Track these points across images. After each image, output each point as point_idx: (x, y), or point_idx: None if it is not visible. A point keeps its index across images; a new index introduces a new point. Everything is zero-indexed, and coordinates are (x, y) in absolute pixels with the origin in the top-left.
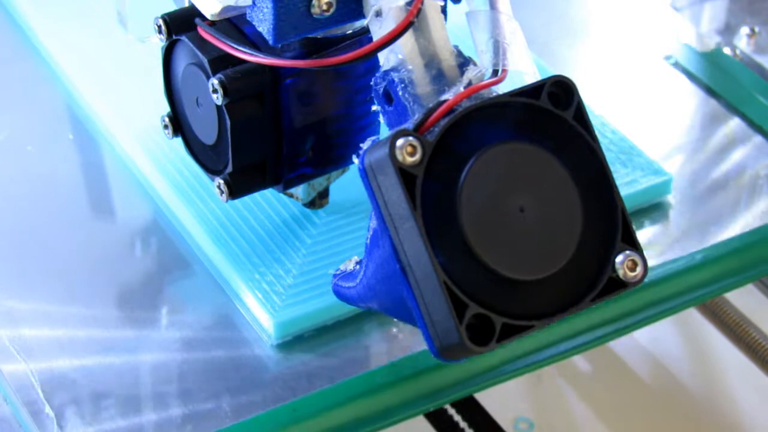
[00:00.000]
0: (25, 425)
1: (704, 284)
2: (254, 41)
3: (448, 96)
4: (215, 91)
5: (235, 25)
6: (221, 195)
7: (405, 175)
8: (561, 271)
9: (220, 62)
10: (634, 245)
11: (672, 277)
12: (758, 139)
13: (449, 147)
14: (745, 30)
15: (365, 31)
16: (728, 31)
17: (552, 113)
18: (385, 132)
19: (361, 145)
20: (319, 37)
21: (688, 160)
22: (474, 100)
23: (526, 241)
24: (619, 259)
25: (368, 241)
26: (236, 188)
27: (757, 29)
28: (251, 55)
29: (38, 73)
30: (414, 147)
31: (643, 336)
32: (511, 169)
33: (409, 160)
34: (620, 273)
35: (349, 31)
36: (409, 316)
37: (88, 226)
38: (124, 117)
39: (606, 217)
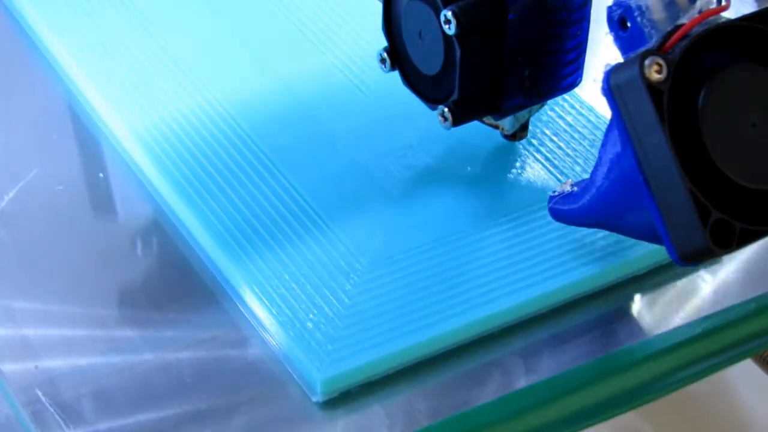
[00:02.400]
0: (26, 425)
1: (760, 334)
2: None
3: (684, 21)
4: (448, 21)
5: None
6: (444, 122)
7: (653, 90)
8: None
9: None
10: None
11: (725, 328)
12: None
13: (688, 67)
14: None
15: None
16: None
17: None
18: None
19: (609, 65)
20: None
21: None
22: (704, 26)
23: (759, 154)
24: None
25: (603, 162)
26: (459, 115)
27: None
28: None
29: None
30: (660, 65)
31: None
32: (743, 88)
33: (656, 77)
34: None
35: None
36: (639, 229)
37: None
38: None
39: None
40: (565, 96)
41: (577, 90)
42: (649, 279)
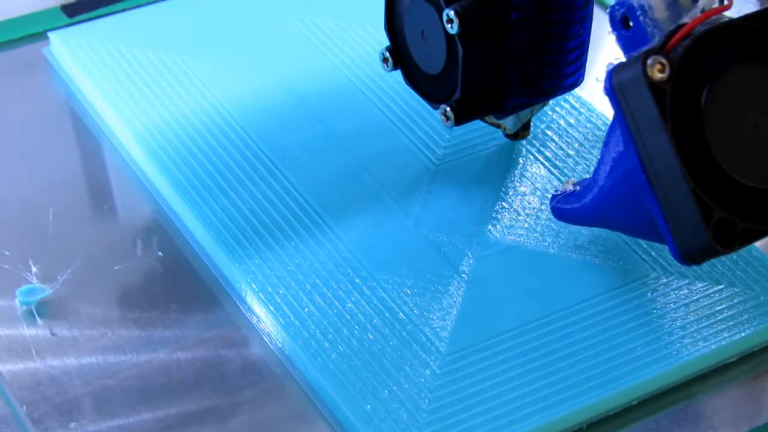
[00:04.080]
0: (25, 426)
1: None
2: None
3: (686, 20)
4: (450, 21)
5: None
6: (447, 121)
7: (655, 90)
8: None
9: None
10: None
11: None
12: None
13: (691, 66)
14: None
15: None
16: None
17: None
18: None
19: (611, 64)
20: None
21: None
22: (707, 25)
23: (761, 153)
24: None
25: (606, 160)
26: (462, 114)
27: None
28: None
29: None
30: (663, 64)
31: None
32: (746, 87)
33: (659, 76)
34: None
35: None
36: (641, 228)
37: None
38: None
39: None
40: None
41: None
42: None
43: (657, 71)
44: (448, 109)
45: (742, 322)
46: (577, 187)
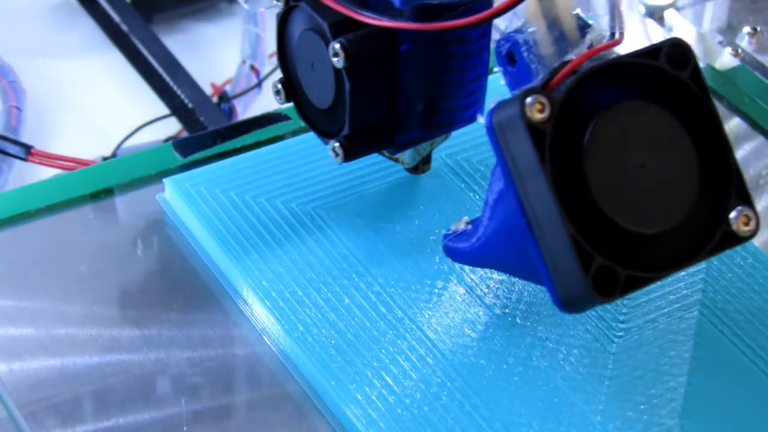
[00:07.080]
0: (23, 426)
1: None
2: (371, 6)
3: (572, 56)
4: (336, 54)
5: None
6: (336, 158)
7: (534, 131)
8: (679, 226)
9: (340, 27)
10: (748, 201)
11: None
12: (760, 139)
13: (574, 105)
14: (747, 29)
15: None
16: (730, 30)
17: (669, 74)
18: (496, 95)
19: (490, 104)
20: (433, 3)
21: None
22: (594, 62)
23: (646, 197)
24: (733, 214)
25: (489, 201)
26: (351, 150)
27: (759, 28)
28: (374, 19)
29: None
30: (543, 104)
31: None
32: (632, 127)
33: (538, 116)
34: (734, 227)
35: None
36: (527, 272)
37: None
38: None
39: (720, 174)
40: None
41: None
42: None
43: (536, 111)
44: (337, 145)
45: None
46: (469, 226)
